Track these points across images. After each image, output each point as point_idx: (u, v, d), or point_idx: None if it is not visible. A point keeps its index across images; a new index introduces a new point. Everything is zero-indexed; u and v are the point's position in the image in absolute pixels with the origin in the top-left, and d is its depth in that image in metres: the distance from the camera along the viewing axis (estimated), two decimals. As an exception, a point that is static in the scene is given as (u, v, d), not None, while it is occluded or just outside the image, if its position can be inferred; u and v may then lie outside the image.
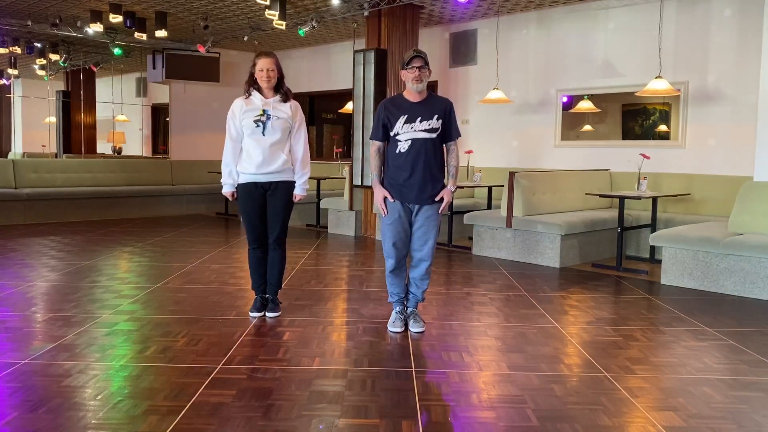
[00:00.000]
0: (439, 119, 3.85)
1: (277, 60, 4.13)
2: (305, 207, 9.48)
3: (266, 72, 4.06)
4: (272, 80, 4.08)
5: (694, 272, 5.41)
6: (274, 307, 4.32)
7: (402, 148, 3.86)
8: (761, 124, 5.67)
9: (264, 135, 4.09)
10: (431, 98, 3.94)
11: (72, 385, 2.98)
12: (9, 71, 13.85)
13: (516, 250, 6.62)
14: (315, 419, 2.66)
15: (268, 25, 9.25)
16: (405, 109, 3.88)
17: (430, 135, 3.84)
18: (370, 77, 8.12)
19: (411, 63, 3.80)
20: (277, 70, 4.11)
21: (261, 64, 4.07)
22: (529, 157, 8.67)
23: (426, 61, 3.84)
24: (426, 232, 3.92)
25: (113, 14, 8.91)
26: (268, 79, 4.07)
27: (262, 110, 4.08)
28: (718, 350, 3.73)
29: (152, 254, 6.69)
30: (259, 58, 4.09)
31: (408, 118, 3.85)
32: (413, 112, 3.86)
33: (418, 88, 3.85)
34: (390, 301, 4.14)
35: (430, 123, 3.84)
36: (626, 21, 7.72)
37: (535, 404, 2.86)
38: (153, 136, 14.86)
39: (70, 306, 4.47)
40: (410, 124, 3.84)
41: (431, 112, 3.86)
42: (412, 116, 3.84)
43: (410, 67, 3.81)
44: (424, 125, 3.83)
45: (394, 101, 3.97)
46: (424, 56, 3.84)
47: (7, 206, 8.95)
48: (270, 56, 4.10)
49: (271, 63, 4.07)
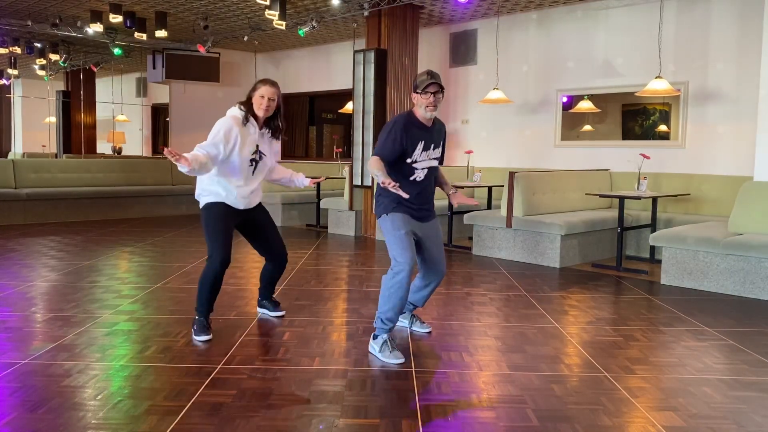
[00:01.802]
0: (438, 147, 3.67)
1: (280, 92, 3.80)
2: (305, 207, 9.49)
3: (266, 101, 3.71)
4: (270, 111, 3.75)
5: (694, 272, 5.41)
6: (276, 306, 4.33)
7: (418, 177, 3.56)
8: (761, 124, 5.67)
9: (254, 175, 3.82)
10: (435, 122, 3.65)
11: (72, 385, 2.98)
12: (9, 71, 13.85)
13: (516, 250, 6.62)
14: (315, 419, 2.66)
15: (268, 25, 9.25)
16: (422, 134, 3.55)
17: (435, 163, 3.66)
18: (370, 77, 8.12)
19: (427, 89, 3.45)
20: (278, 104, 3.78)
21: (264, 91, 3.71)
22: (529, 157, 8.67)
23: (442, 87, 3.49)
24: (438, 247, 3.71)
25: (113, 14, 8.92)
26: (267, 109, 3.72)
27: (256, 146, 3.77)
28: (718, 350, 3.73)
29: (152, 254, 6.69)
30: (264, 84, 3.74)
31: (425, 144, 3.55)
32: (429, 138, 3.58)
33: (430, 117, 3.54)
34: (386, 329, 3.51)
35: (437, 150, 3.65)
36: (626, 21, 7.72)
37: (535, 404, 2.86)
38: (153, 136, 14.87)
39: (70, 306, 4.47)
40: (427, 151, 3.57)
41: (438, 139, 3.66)
42: (428, 143, 3.57)
43: (425, 92, 3.47)
44: (434, 153, 3.63)
45: (414, 124, 3.54)
46: (440, 80, 3.49)
47: (7, 206, 8.95)
48: (275, 86, 3.77)
49: (275, 93, 3.74)
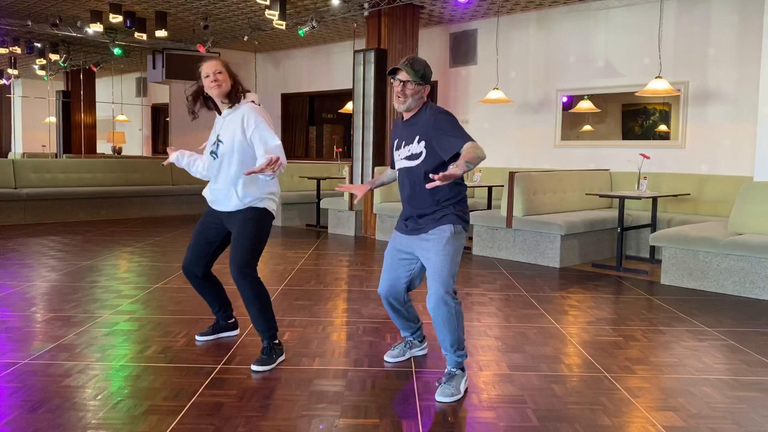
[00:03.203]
0: (420, 141, 2.97)
1: (226, 62, 3.29)
2: (305, 207, 9.48)
3: (213, 76, 3.19)
4: (224, 86, 3.20)
5: (694, 272, 5.41)
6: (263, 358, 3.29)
7: (401, 181, 3.14)
8: (761, 124, 5.67)
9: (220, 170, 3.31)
10: (418, 115, 3.05)
11: (72, 385, 2.98)
12: (9, 71, 13.86)
13: (516, 250, 6.62)
14: (315, 419, 2.66)
15: (268, 25, 9.25)
16: (398, 133, 3.15)
17: (412, 163, 3.02)
18: (370, 77, 8.12)
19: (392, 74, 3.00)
20: (229, 74, 3.24)
21: (206, 69, 3.21)
22: (529, 157, 8.67)
23: (417, 74, 2.96)
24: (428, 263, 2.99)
25: (113, 14, 8.92)
26: (217, 84, 3.18)
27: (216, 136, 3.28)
28: (718, 350, 3.73)
29: (152, 254, 6.69)
30: (203, 64, 3.25)
31: (398, 143, 3.12)
32: (401, 135, 3.10)
33: (400, 109, 3.04)
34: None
35: (410, 148, 3.02)
36: (626, 21, 7.72)
37: (535, 404, 2.86)
38: (153, 136, 14.87)
39: (70, 306, 4.47)
40: (398, 151, 3.11)
41: (413, 134, 3.02)
42: (400, 141, 3.10)
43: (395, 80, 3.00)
44: (404, 152, 3.06)
45: (398, 122, 3.20)
46: (415, 68, 2.97)
47: (7, 206, 8.95)
48: (213, 59, 3.30)
49: (218, 65, 3.22)
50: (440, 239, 2.96)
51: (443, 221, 3.00)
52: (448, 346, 3.00)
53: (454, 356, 3.01)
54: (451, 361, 3.02)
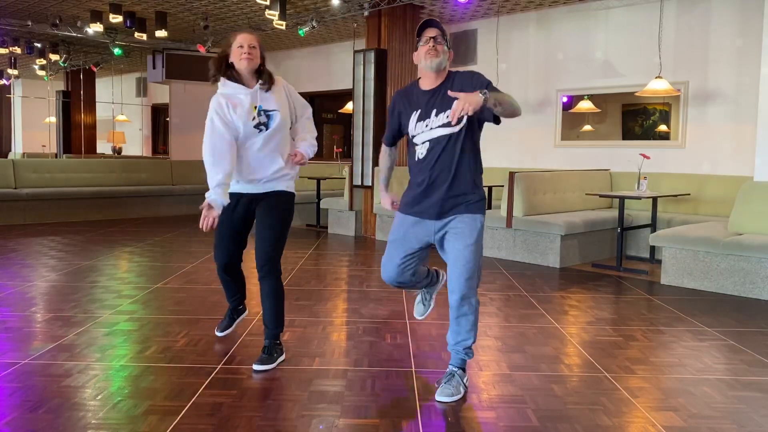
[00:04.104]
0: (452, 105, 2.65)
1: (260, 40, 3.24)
2: (305, 207, 9.48)
3: (247, 48, 3.12)
4: (255, 60, 3.15)
5: (694, 272, 5.41)
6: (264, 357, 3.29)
7: (420, 154, 2.88)
8: (761, 124, 5.67)
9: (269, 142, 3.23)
10: (450, 79, 2.87)
11: (72, 385, 2.98)
12: (9, 71, 13.86)
13: (516, 250, 6.62)
14: (315, 419, 2.66)
15: (268, 25, 9.25)
16: (417, 102, 2.89)
17: (451, 130, 2.80)
18: (370, 77, 8.12)
19: (423, 34, 2.84)
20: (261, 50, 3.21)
21: (241, 39, 3.14)
22: (529, 157, 8.67)
23: (443, 32, 2.84)
24: (455, 253, 2.83)
25: (113, 14, 8.92)
26: (249, 57, 3.11)
27: (254, 107, 3.18)
28: (718, 350, 3.73)
29: (152, 254, 6.69)
30: (238, 34, 3.18)
31: (421, 113, 2.86)
32: (428, 104, 2.85)
33: (433, 65, 2.81)
34: None
35: (448, 114, 2.76)
36: (626, 21, 7.72)
37: (535, 404, 2.86)
38: (153, 136, 14.88)
39: (70, 306, 4.47)
40: (424, 120, 2.85)
41: (447, 100, 2.77)
42: (427, 110, 2.84)
43: (423, 39, 2.84)
44: (440, 119, 2.81)
45: (406, 93, 2.98)
46: (439, 26, 2.84)
47: (7, 206, 8.95)
48: (249, 32, 3.22)
49: (254, 39, 3.17)
50: (472, 230, 2.83)
51: (475, 208, 2.87)
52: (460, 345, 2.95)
53: (461, 354, 2.96)
54: (456, 360, 2.98)
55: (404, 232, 2.96)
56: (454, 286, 2.84)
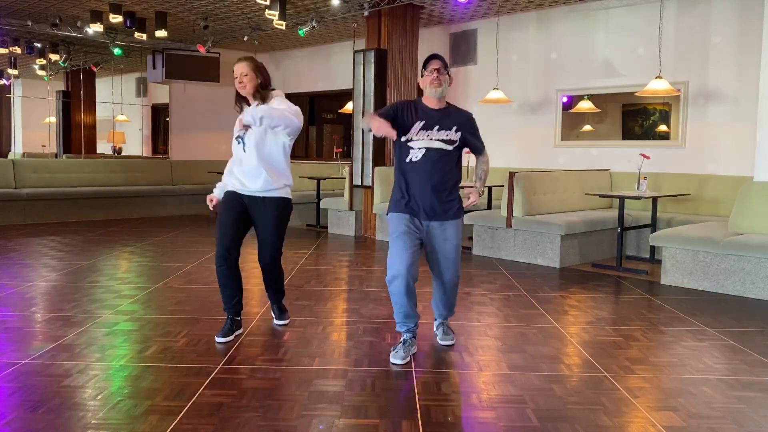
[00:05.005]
0: (458, 131, 3.48)
1: (254, 63, 3.64)
2: (305, 207, 9.48)
3: (239, 78, 3.60)
4: (248, 87, 3.60)
5: (694, 272, 5.41)
6: (280, 314, 4.10)
7: (414, 157, 3.46)
8: (761, 124, 5.67)
9: (245, 152, 3.67)
10: (451, 108, 3.59)
11: (72, 385, 2.98)
12: (9, 71, 13.84)
13: (516, 250, 6.62)
14: (315, 419, 2.66)
15: (268, 25, 9.25)
16: (424, 114, 3.50)
17: (447, 146, 3.47)
18: (370, 77, 8.12)
19: (428, 65, 3.49)
20: (255, 75, 3.61)
21: (235, 71, 3.62)
22: (529, 157, 8.67)
23: (446, 65, 3.51)
24: (446, 256, 3.53)
25: (113, 14, 8.91)
26: (242, 86, 3.60)
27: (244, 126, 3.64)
28: (718, 350, 3.73)
29: (152, 254, 6.69)
30: (235, 64, 3.65)
31: (426, 124, 3.46)
32: (432, 119, 3.48)
33: (436, 93, 3.47)
34: (398, 330, 3.58)
35: (448, 134, 3.47)
36: (626, 21, 7.72)
37: (535, 404, 2.86)
38: (153, 136, 14.87)
39: (70, 306, 4.47)
40: (427, 131, 3.46)
41: (451, 123, 3.50)
42: (431, 123, 3.47)
43: (428, 70, 3.48)
44: (441, 135, 3.46)
45: (414, 103, 3.57)
46: (443, 59, 3.52)
47: (7, 206, 8.95)
48: (244, 61, 3.63)
49: (245, 68, 3.60)
50: (458, 229, 3.57)
51: (458, 213, 3.59)
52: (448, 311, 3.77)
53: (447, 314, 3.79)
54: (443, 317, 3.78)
55: (405, 226, 3.47)
56: (446, 277, 3.58)
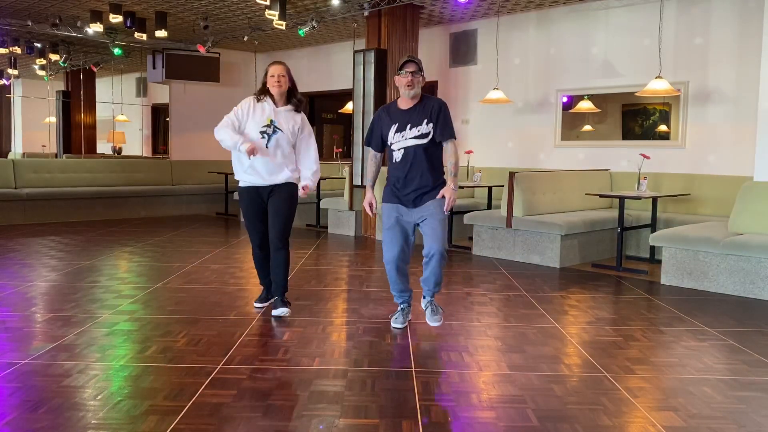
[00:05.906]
0: (429, 123, 3.81)
1: (288, 68, 4.23)
2: (305, 207, 9.48)
3: (277, 77, 4.12)
4: (283, 86, 4.15)
5: (694, 272, 5.41)
6: (280, 304, 4.29)
7: (396, 158, 3.88)
8: (761, 124, 5.67)
9: (267, 147, 4.14)
10: (422, 102, 3.88)
11: (72, 385, 2.98)
12: (9, 71, 13.84)
13: (516, 250, 6.62)
14: (315, 419, 2.66)
15: (268, 25, 9.25)
16: (396, 117, 3.89)
17: (421, 141, 3.81)
18: (370, 77, 8.12)
19: (404, 68, 3.81)
20: (289, 78, 4.19)
21: (272, 70, 4.16)
22: (529, 157, 8.67)
23: (420, 67, 3.83)
24: (432, 227, 3.83)
25: (113, 14, 8.91)
26: (278, 84, 4.13)
27: (270, 120, 4.14)
28: (718, 350, 3.73)
29: (152, 254, 6.69)
30: (271, 65, 4.20)
31: (399, 126, 3.85)
32: (403, 119, 3.85)
33: (409, 94, 3.83)
34: (395, 301, 4.18)
35: (419, 129, 3.80)
36: (626, 21, 7.72)
37: (535, 404, 2.86)
38: (153, 136, 14.86)
39: (70, 306, 4.47)
40: (401, 132, 3.84)
41: (421, 117, 3.82)
42: (403, 124, 3.84)
43: (403, 72, 3.81)
44: (414, 132, 3.81)
45: (388, 110, 3.98)
46: (418, 62, 3.84)
47: (7, 206, 8.95)
48: (282, 64, 4.22)
49: (283, 69, 4.17)
50: (439, 210, 3.84)
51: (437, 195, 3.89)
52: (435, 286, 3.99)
53: (435, 289, 4.02)
54: (430, 294, 4.03)
55: (395, 217, 3.92)
56: (434, 249, 3.82)
